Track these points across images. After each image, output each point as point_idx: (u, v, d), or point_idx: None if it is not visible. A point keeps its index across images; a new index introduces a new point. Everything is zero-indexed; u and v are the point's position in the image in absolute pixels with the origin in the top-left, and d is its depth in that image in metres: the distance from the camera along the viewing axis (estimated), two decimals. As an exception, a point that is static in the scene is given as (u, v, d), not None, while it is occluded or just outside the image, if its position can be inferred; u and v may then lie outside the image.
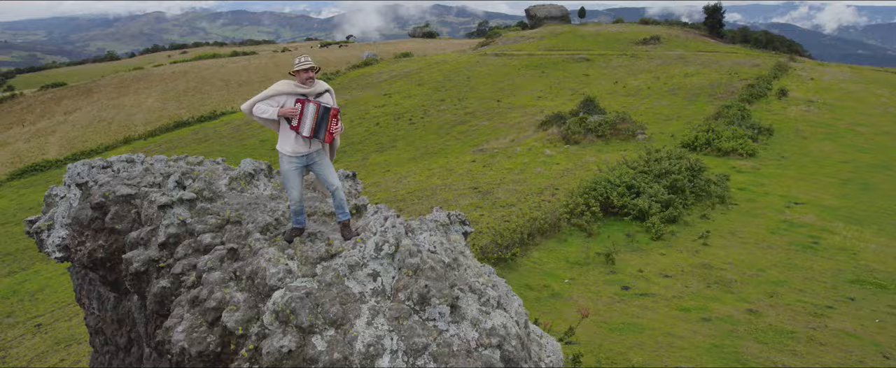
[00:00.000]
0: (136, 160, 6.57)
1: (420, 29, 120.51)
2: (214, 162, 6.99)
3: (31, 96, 76.39)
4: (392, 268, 4.39)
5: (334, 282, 4.28)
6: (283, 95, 5.32)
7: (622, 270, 13.21)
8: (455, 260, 4.51)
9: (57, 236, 5.91)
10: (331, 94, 5.56)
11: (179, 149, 46.09)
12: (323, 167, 5.38)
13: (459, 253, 4.61)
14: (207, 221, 5.31)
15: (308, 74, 5.34)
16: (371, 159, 36.02)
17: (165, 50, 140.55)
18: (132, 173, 6.08)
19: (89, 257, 5.56)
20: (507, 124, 37.44)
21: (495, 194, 21.89)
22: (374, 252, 4.45)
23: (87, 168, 6.24)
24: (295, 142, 5.26)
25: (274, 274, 4.42)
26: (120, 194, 5.73)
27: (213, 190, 5.75)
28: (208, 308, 4.40)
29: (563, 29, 76.19)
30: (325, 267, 4.48)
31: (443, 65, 62.89)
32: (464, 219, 5.56)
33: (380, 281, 4.36)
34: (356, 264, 4.40)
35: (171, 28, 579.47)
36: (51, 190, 6.33)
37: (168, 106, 64.00)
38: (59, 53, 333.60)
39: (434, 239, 4.56)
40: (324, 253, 4.65)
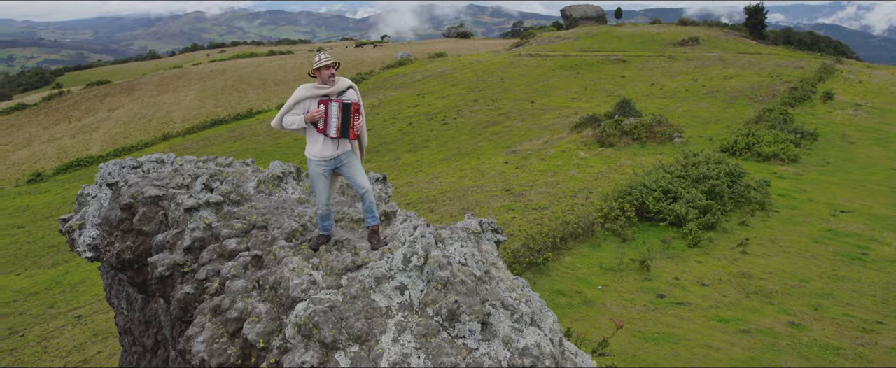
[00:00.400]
0: (166, 160, 6.58)
1: (454, 29, 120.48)
2: (244, 163, 6.96)
3: (78, 93, 78.84)
4: (420, 281, 4.22)
5: (360, 295, 4.13)
6: (306, 100, 5.20)
7: (657, 277, 12.86)
8: (487, 272, 4.34)
9: (88, 236, 5.96)
10: (355, 91, 5.39)
11: (215, 146, 46.95)
12: (352, 169, 5.25)
13: (491, 264, 4.44)
14: (233, 226, 5.24)
15: (330, 71, 5.21)
16: (403, 159, 36.07)
17: (204, 49, 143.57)
18: (161, 174, 6.09)
19: (117, 258, 5.57)
20: (540, 126, 37.06)
21: (528, 196, 21.64)
22: (401, 264, 4.28)
23: (118, 167, 6.27)
24: (322, 145, 5.15)
25: (297, 285, 4.29)
26: (148, 195, 5.73)
27: (241, 192, 5.70)
28: (230, 318, 4.31)
29: (598, 29, 75.22)
30: (350, 279, 4.35)
31: (476, 66, 62.69)
32: (496, 228, 5.39)
33: (407, 294, 4.19)
34: (383, 276, 4.25)
35: (211, 27, 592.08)
36: (83, 190, 6.40)
37: (206, 104, 65.26)
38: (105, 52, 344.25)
39: (465, 251, 4.39)
40: (350, 263, 4.50)
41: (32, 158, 53.05)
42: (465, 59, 69.15)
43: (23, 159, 53.08)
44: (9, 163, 52.62)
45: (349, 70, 74.05)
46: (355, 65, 77.49)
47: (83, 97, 76.01)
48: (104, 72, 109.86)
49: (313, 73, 5.28)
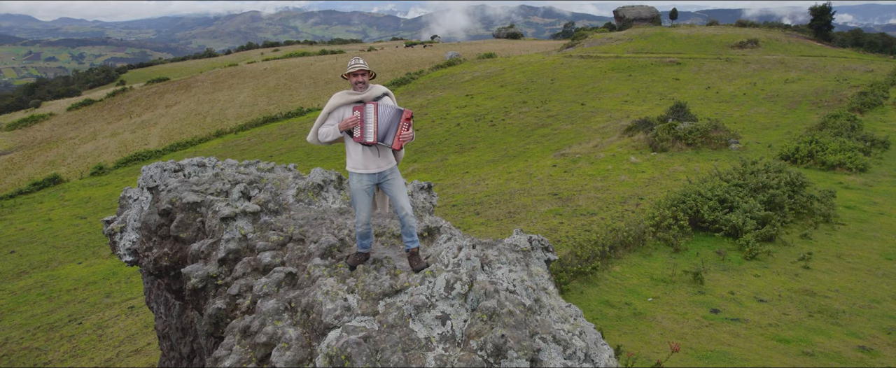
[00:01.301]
0: (207, 164, 6.51)
1: (504, 29, 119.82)
2: (285, 168, 6.84)
3: (139, 90, 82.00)
4: (464, 311, 3.88)
5: (397, 324, 3.83)
6: (340, 108, 4.92)
7: (711, 291, 12.27)
8: (537, 300, 4.02)
9: (128, 239, 5.94)
10: (390, 98, 5.08)
11: (266, 143, 47.94)
12: (395, 187, 4.92)
13: (542, 289, 4.14)
14: (269, 237, 5.06)
15: (358, 78, 4.92)
16: (450, 160, 35.95)
17: (259, 48, 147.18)
18: (202, 178, 6.04)
19: (155, 264, 5.53)
20: (590, 129, 36.32)
21: (576, 201, 21.17)
22: (444, 291, 3.94)
23: (159, 171, 6.24)
24: (363, 158, 4.83)
25: (330, 311, 4.00)
26: (186, 201, 5.62)
27: (279, 201, 5.55)
28: (259, 342, 4.07)
29: (652, 31, 73.41)
30: (388, 305, 4.06)
31: (526, 67, 62.09)
32: (547, 245, 5.09)
33: (449, 325, 3.84)
34: (423, 304, 3.91)
35: (265, 27, 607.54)
36: (125, 192, 6.41)
37: (259, 101, 66.78)
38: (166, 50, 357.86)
39: (514, 276, 4.06)
40: (387, 287, 4.20)
41: (96, 152, 55.37)
42: (514, 60, 68.61)
43: (87, 152, 55.46)
44: (75, 156, 55.08)
45: (399, 70, 74.51)
46: (405, 65, 77.92)
47: (144, 93, 78.98)
48: (164, 70, 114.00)
49: (347, 77, 5.04)
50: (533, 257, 4.82)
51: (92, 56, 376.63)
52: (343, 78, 5.04)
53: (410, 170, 35.37)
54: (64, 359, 16.42)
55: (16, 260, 29.55)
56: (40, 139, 66.61)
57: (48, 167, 51.85)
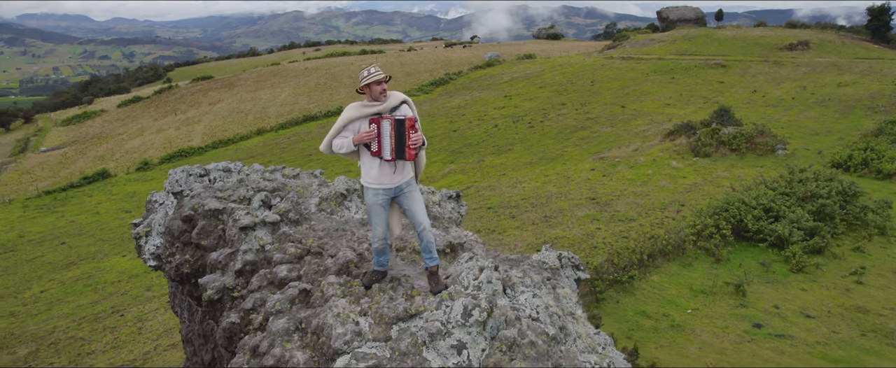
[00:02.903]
0: (232, 170, 6.46)
1: (544, 30, 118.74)
2: (311, 174, 6.74)
3: (184, 88, 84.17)
4: (482, 339, 3.62)
5: (410, 352, 3.59)
6: (356, 121, 4.68)
7: (754, 304, 11.80)
8: (562, 328, 3.76)
9: (152, 244, 5.92)
10: (409, 106, 4.83)
11: (304, 142, 48.54)
12: (412, 201, 4.68)
13: (569, 314, 3.91)
14: (287, 250, 4.93)
15: (381, 87, 4.64)
16: (487, 161, 35.73)
17: (300, 47, 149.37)
18: (226, 184, 5.92)
19: (176, 271, 5.50)
20: (630, 132, 35.61)
21: (614, 206, 20.73)
22: (461, 317, 3.68)
23: (185, 175, 6.21)
24: (379, 172, 4.62)
25: (340, 335, 3.80)
26: (208, 208, 5.57)
27: (301, 211, 5.44)
28: (266, 365, 3.90)
29: (697, 32, 71.62)
30: (401, 330, 3.80)
31: (566, 68, 61.34)
32: (577, 264, 4.84)
33: (466, 354, 3.57)
34: (438, 332, 3.66)
35: (308, 26, 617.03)
36: (151, 196, 6.42)
37: (299, 100, 67.73)
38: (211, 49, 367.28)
39: (537, 302, 3.81)
40: (401, 311, 3.94)
41: (143, 147, 57.03)
42: (554, 61, 67.89)
43: (134, 148, 57.16)
44: (123, 152, 56.86)
45: (437, 70, 74.55)
46: (444, 65, 77.92)
47: (188, 91, 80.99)
48: (208, 68, 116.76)
49: (362, 90, 4.73)
50: (562, 275, 4.60)
51: (142, 54, 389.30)
52: (358, 92, 4.77)
53: (447, 172, 35.32)
54: (105, 350, 16.88)
55: (65, 251, 30.63)
56: (92, 134, 69.01)
57: (98, 162, 53.63)
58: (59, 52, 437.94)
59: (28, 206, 42.82)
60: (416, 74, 74.66)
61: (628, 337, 10.12)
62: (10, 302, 24.97)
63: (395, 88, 18.04)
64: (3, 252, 32.85)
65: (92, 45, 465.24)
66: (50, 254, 30.29)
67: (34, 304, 23.93)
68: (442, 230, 5.78)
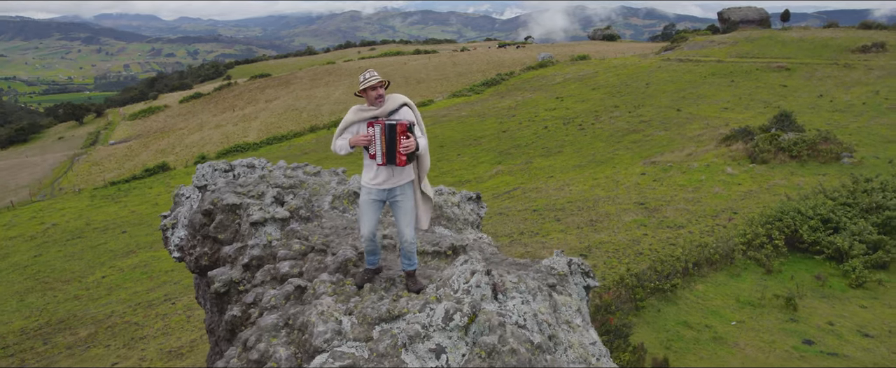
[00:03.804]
0: (256, 166, 6.59)
1: (600, 31, 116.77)
2: (333, 172, 6.79)
3: (242, 85, 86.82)
4: (463, 344, 3.54)
5: (388, 353, 3.55)
6: (355, 124, 4.74)
7: (806, 319, 11.23)
8: (551, 337, 3.65)
9: (177, 236, 6.12)
10: (411, 109, 4.78)
11: (357, 140, 49.21)
12: (401, 211, 4.69)
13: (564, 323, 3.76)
14: (292, 246, 4.99)
15: (377, 92, 4.63)
16: (535, 163, 35.41)
17: (356, 46, 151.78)
18: (247, 180, 6.11)
19: (196, 263, 5.66)
20: (684, 136, 34.59)
21: (663, 212, 20.17)
22: (442, 321, 3.61)
23: (211, 170, 6.39)
24: (375, 173, 4.66)
25: (321, 333, 3.81)
26: (227, 203, 5.70)
27: (313, 208, 5.50)
28: (252, 359, 3.94)
29: (760, 34, 68.95)
30: (383, 331, 3.77)
31: (620, 70, 60.15)
32: (587, 271, 4.69)
33: (444, 358, 3.51)
34: (417, 334, 3.61)
35: (364, 26, 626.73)
36: (178, 190, 6.65)
37: (352, 99, 68.82)
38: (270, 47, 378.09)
39: (526, 309, 3.70)
40: (384, 312, 3.91)
41: (201, 142, 59.15)
42: (608, 63, 66.68)
43: (194, 142, 59.34)
44: (183, 146, 59.11)
45: (489, 71, 74.41)
46: (496, 65, 77.70)
47: (246, 88, 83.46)
48: (267, 66, 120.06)
49: (360, 94, 4.76)
50: (570, 282, 4.47)
51: (205, 52, 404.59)
52: (356, 95, 4.79)
53: (494, 172, 35.20)
54: (156, 335, 17.57)
55: (126, 239, 32.09)
56: (155, 129, 72.07)
57: (159, 155, 55.92)
58: (130, 49, 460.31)
59: (95, 196, 45.08)
60: (468, 74, 74.74)
61: (667, 348, 9.80)
62: (74, 286, 26.36)
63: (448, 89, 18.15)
64: (72, 238, 34.71)
65: (159, 43, 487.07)
66: (112, 242, 31.80)
67: (96, 289, 25.18)
68: (455, 231, 5.72)
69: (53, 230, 37.31)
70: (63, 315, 22.40)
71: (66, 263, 29.66)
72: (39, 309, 23.67)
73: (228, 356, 3.97)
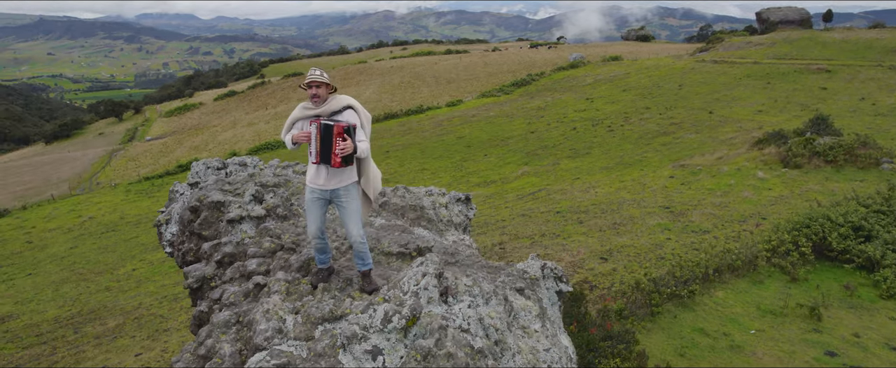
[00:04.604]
0: (248, 164, 6.66)
1: (634, 31, 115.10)
2: None
3: (276, 84, 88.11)
4: (402, 346, 3.50)
5: (326, 353, 3.50)
6: (299, 121, 4.79)
7: (830, 330, 10.86)
8: (499, 342, 3.56)
9: (169, 232, 6.23)
10: (355, 111, 4.76)
11: (384, 139, 49.50)
12: (345, 211, 4.64)
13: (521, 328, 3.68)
14: (262, 244, 5.01)
15: (311, 91, 4.66)
16: (562, 164, 35.08)
17: (388, 46, 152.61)
18: (237, 178, 6.10)
19: (183, 258, 5.74)
20: (716, 139, 33.85)
21: (689, 216, 19.76)
22: (380, 323, 3.57)
23: (204, 168, 6.49)
24: (315, 172, 4.64)
25: (262, 331, 3.78)
26: (211, 200, 5.72)
27: (291, 207, 5.51)
28: (199, 354, 3.97)
29: (799, 35, 67.06)
30: (324, 331, 3.73)
31: (653, 71, 59.19)
32: (560, 275, 4.59)
33: (381, 360, 3.46)
34: (354, 335, 3.55)
35: (397, 25, 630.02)
36: (174, 187, 6.75)
37: (382, 98, 69.22)
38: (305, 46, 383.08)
39: (472, 313, 3.61)
40: (327, 312, 3.86)
41: (234, 139, 60.20)
42: (641, 64, 65.68)
43: (227, 140, 60.43)
44: (216, 143, 60.26)
45: (520, 71, 74.02)
46: (527, 66, 77.26)
47: (279, 87, 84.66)
48: (300, 65, 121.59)
49: (303, 87, 4.79)
50: (541, 286, 4.38)
51: (241, 51, 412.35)
52: (300, 88, 4.79)
53: (520, 173, 34.99)
54: (179, 328, 17.93)
55: (156, 233, 32.86)
56: (190, 125, 73.64)
57: (193, 151, 57.09)
58: (169, 48, 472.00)
59: (130, 191, 46.29)
60: (498, 75, 74.48)
61: (681, 355, 9.58)
62: (106, 278, 27.11)
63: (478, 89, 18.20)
64: (106, 231, 35.72)
65: (197, 41, 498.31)
66: (144, 236, 32.60)
67: (126, 281, 25.85)
68: (435, 233, 5.66)
69: (89, 223, 38.46)
70: (94, 305, 23.05)
71: (100, 255, 30.53)
72: (72, 299, 24.41)
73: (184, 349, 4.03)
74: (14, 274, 30.98)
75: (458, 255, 4.95)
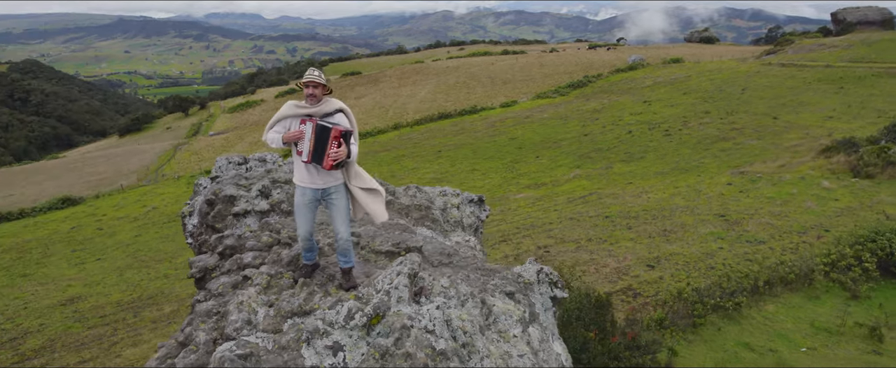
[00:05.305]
0: (267, 160, 6.78)
1: (697, 33, 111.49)
2: None
3: (334, 82, 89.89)
4: (364, 344, 3.51)
5: (290, 346, 3.55)
6: (288, 118, 4.79)
7: (893, 353, 10.19)
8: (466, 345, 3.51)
9: (191, 223, 6.43)
10: (346, 115, 4.81)
11: (437, 138, 49.72)
12: (335, 210, 4.70)
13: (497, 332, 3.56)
14: (261, 238, 5.08)
15: (308, 90, 4.72)
16: (615, 168, 34.32)
17: (445, 46, 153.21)
18: (254, 173, 6.25)
19: (199, 250, 5.92)
20: (779, 146, 32.37)
21: (744, 226, 18.98)
22: (343, 319, 3.60)
23: (226, 162, 6.66)
24: (305, 172, 4.66)
25: (233, 322, 3.87)
26: (225, 194, 5.87)
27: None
28: (179, 341, 4.06)
29: (879, 36, 63.29)
30: (292, 325, 3.79)
31: (715, 74, 57.17)
32: (556, 281, 4.45)
33: (342, 357, 3.49)
34: (316, 330, 3.59)
35: (456, 25, 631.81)
36: (198, 181, 6.95)
37: (437, 98, 69.55)
38: (364, 46, 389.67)
39: (438, 314, 3.56)
40: (297, 306, 3.94)
41: (292, 136, 61.72)
42: (703, 66, 63.58)
43: (285, 136, 62.01)
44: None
45: (576, 72, 72.94)
46: (584, 67, 76.05)
47: (337, 85, 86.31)
48: (358, 64, 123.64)
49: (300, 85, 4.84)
50: (535, 291, 4.26)
51: (303, 50, 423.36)
52: (296, 87, 4.89)
53: (571, 176, 34.45)
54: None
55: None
56: (251, 121, 76.01)
57: (252, 147, 58.88)
58: (235, 46, 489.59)
59: (191, 183, 48.13)
60: (554, 76, 73.63)
61: (723, 370, 9.21)
62: (165, 265, 28.30)
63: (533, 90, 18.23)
64: (167, 221, 37.29)
65: (261, 40, 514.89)
66: (202, 227, 33.81)
67: (184, 270, 26.90)
68: (440, 233, 5.61)
69: (153, 213, 40.25)
70: (153, 291, 24.10)
71: (161, 244, 31.87)
72: (134, 285, 25.59)
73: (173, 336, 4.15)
74: (85, 258, 32.74)
75: (456, 256, 4.90)
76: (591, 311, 7.60)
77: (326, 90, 4.84)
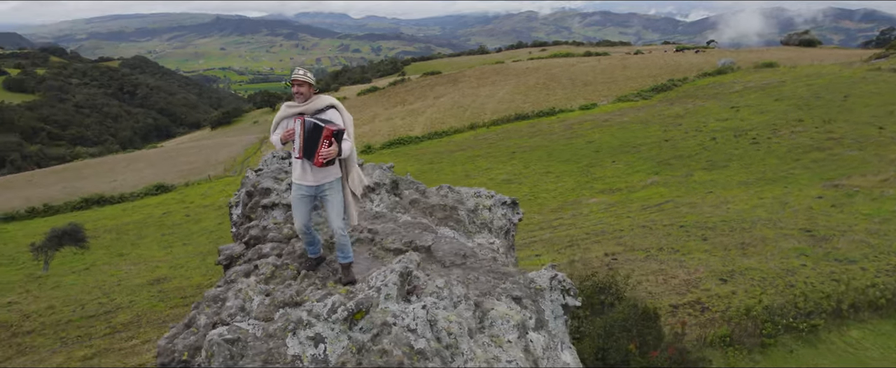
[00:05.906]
0: None
1: (796, 35, 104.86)
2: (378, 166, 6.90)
3: (415, 81, 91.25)
4: (346, 337, 3.58)
5: (277, 335, 3.67)
6: (285, 119, 4.94)
7: None
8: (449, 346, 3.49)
9: (235, 213, 6.71)
10: (338, 111, 4.95)
11: (512, 139, 49.43)
12: (330, 205, 4.83)
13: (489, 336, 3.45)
14: (282, 230, 5.25)
15: (295, 89, 4.83)
16: (695, 176, 32.88)
17: (527, 46, 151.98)
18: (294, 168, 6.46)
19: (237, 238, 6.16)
20: (883, 158, 29.91)
21: (834, 243, 17.67)
22: (327, 312, 3.67)
23: (271, 157, 6.89)
24: (302, 170, 4.82)
25: (228, 308, 4.04)
26: (262, 187, 6.11)
27: None
28: (184, 323, 4.25)
29: None
30: (283, 314, 3.89)
31: (813, 79, 53.58)
32: (568, 288, 4.27)
33: (322, 348, 3.56)
34: (301, 320, 3.67)
35: (539, 26, 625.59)
36: (246, 173, 7.23)
37: (516, 99, 69.14)
38: (447, 46, 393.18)
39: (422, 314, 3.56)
40: (288, 297, 4.06)
41: (371, 133, 63.25)
42: (799, 71, 59.75)
43: (363, 133, 63.62)
44: (355, 136, 63.64)
45: (661, 75, 70.45)
46: (670, 70, 73.35)
47: (418, 84, 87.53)
48: (439, 64, 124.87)
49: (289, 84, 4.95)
50: (546, 298, 4.12)
51: (387, 49, 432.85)
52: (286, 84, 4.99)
53: (648, 183, 33.30)
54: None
55: (292, 217, 35.36)
56: (333, 118, 78.28)
57: (332, 142, 60.64)
58: (322, 45, 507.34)
59: (274, 175, 50.29)
60: (637, 79, 71.45)
61: (792, 396, 8.60)
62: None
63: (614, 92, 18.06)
64: (249, 211, 39.15)
65: (347, 39, 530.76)
66: (280, 218, 35.23)
67: (260, 258, 28.16)
68: (462, 234, 5.52)
69: (237, 202, 42.36)
70: (230, 277, 25.38)
71: (242, 232, 33.50)
72: (212, 270, 27.03)
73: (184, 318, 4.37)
74: (173, 242, 34.92)
75: (471, 258, 4.86)
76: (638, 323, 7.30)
77: (313, 88, 5.00)
